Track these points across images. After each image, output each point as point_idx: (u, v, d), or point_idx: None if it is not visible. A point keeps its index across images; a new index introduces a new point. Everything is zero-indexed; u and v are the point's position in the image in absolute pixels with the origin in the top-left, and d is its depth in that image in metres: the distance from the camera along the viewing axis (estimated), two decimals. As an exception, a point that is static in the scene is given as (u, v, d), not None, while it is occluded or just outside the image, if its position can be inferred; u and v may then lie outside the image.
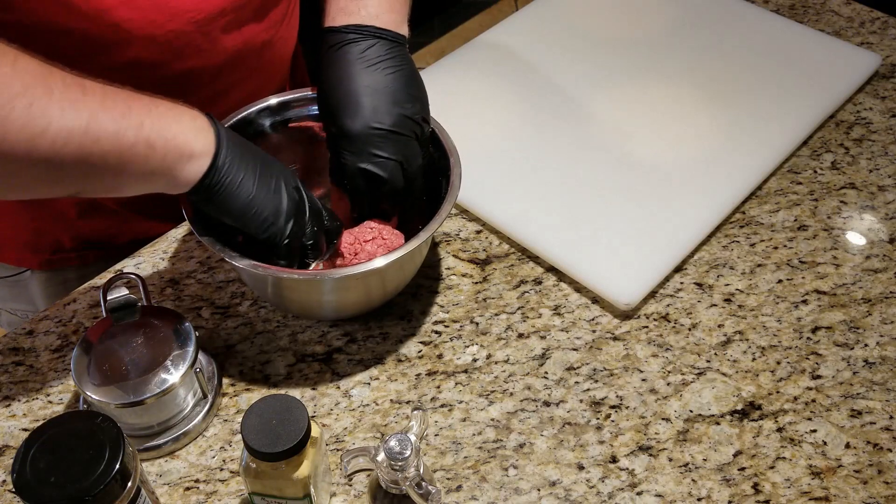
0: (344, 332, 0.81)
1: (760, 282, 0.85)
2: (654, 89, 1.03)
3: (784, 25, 1.12)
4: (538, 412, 0.75)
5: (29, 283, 0.94)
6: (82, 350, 0.70)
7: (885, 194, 0.93)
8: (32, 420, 0.75)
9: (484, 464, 0.72)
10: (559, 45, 1.10)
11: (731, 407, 0.75)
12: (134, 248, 0.87)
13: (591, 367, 0.78)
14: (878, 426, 0.74)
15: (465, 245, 0.89)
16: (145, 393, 0.68)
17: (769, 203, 0.93)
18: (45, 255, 0.92)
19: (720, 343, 0.80)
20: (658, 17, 1.14)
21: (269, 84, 0.92)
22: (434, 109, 0.81)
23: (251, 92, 0.86)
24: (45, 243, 0.91)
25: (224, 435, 0.74)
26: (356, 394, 0.77)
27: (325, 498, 0.68)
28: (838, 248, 0.88)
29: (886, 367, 0.78)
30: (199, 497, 0.70)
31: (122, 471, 0.56)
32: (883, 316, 0.82)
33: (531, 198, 0.91)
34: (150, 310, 0.74)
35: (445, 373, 0.78)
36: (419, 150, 0.76)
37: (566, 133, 0.98)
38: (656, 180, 0.92)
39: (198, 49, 0.77)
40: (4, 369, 0.79)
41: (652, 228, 0.87)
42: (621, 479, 0.70)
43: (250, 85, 0.87)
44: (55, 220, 0.89)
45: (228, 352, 0.80)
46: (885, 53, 1.10)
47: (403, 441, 0.61)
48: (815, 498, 0.69)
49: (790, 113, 0.99)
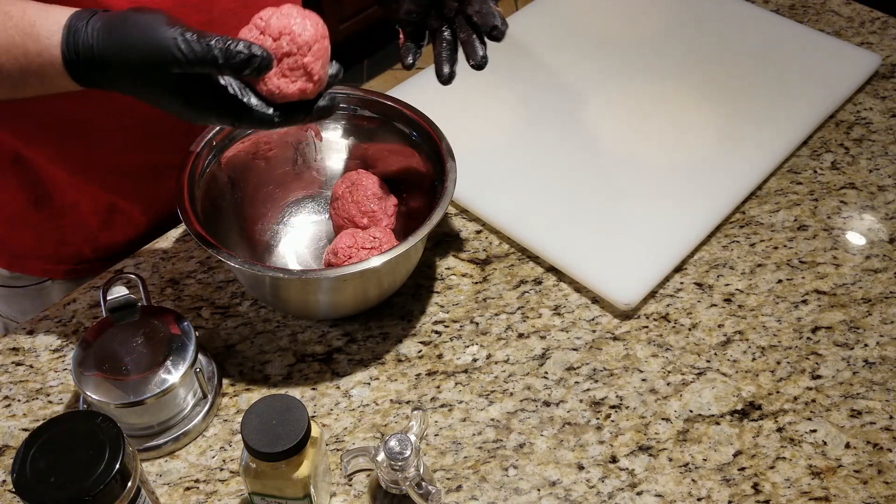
0: (344, 332, 0.81)
1: (760, 282, 0.85)
2: (654, 89, 1.03)
3: (784, 25, 1.12)
4: (538, 412, 0.75)
5: (51, 292, 0.94)
6: (82, 350, 0.70)
7: (885, 194, 0.93)
8: (32, 420, 0.75)
9: (484, 464, 0.72)
10: (559, 45, 1.10)
11: (731, 407, 0.75)
12: None
13: (591, 367, 0.78)
14: (878, 426, 0.74)
15: (465, 245, 0.89)
16: (145, 393, 0.68)
17: (769, 203, 0.93)
18: (68, 265, 0.93)
19: (720, 343, 0.80)
20: (658, 17, 1.15)
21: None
22: (434, 109, 0.82)
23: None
24: (68, 254, 0.92)
25: (224, 435, 0.74)
26: (356, 394, 0.77)
27: (325, 498, 0.68)
28: (838, 248, 0.88)
29: (886, 367, 0.78)
30: (199, 497, 0.70)
31: (122, 471, 0.56)
32: (883, 316, 0.82)
33: (531, 198, 0.91)
34: (150, 310, 0.74)
35: (445, 373, 0.78)
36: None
37: (566, 133, 0.98)
38: (656, 180, 0.92)
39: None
40: (4, 369, 0.79)
41: (652, 228, 0.87)
42: (621, 479, 0.70)
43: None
44: (77, 231, 0.90)
45: (228, 352, 0.80)
46: (885, 53, 1.10)
47: (403, 441, 0.61)
48: (815, 498, 0.69)
49: (790, 113, 0.99)
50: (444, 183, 0.78)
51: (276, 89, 0.63)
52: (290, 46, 0.64)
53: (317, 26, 0.65)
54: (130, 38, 0.59)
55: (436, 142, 0.81)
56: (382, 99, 0.86)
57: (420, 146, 0.84)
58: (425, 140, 0.83)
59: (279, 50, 0.63)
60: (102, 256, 0.91)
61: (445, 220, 0.91)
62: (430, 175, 0.82)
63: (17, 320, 0.97)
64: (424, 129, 0.83)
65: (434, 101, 0.78)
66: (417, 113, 0.84)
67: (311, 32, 0.64)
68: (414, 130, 0.84)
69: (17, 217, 0.89)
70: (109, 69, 0.61)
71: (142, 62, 0.59)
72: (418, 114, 0.84)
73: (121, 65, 0.60)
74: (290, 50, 0.63)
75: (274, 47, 0.64)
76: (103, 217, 0.90)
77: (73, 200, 0.88)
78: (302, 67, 0.64)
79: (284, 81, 0.64)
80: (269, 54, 0.60)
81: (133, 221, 0.92)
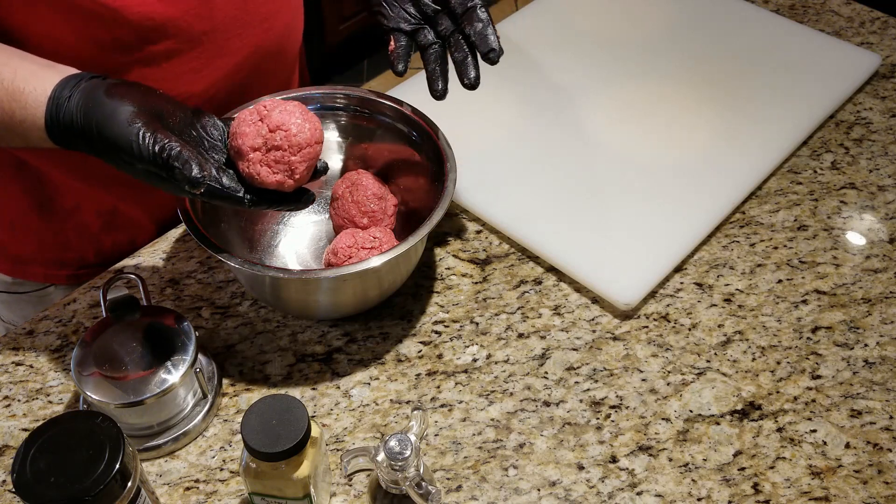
0: (344, 332, 0.81)
1: (760, 282, 0.85)
2: (654, 89, 1.03)
3: (784, 25, 1.12)
4: (538, 412, 0.75)
5: (54, 298, 0.94)
6: (82, 350, 0.70)
7: (885, 194, 0.93)
8: (32, 420, 0.75)
9: (484, 464, 0.72)
10: (559, 45, 1.10)
11: (731, 407, 0.75)
12: None
13: (591, 367, 0.78)
14: (878, 426, 0.74)
15: (465, 245, 0.89)
16: (145, 393, 0.68)
17: (769, 203, 0.93)
18: (70, 270, 0.93)
19: (720, 343, 0.80)
20: (658, 17, 1.15)
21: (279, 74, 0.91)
22: (433, 109, 0.82)
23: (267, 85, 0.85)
24: (71, 259, 0.92)
25: (224, 435, 0.74)
26: (356, 394, 0.77)
27: (325, 498, 0.68)
28: (838, 248, 0.88)
29: (886, 367, 0.78)
30: (199, 497, 0.70)
31: (122, 471, 0.56)
32: (883, 316, 0.82)
33: (531, 198, 0.91)
34: (150, 309, 0.74)
35: (445, 373, 0.78)
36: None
37: (566, 133, 0.98)
38: (656, 180, 0.92)
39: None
40: (4, 369, 0.79)
41: (652, 228, 0.87)
42: (621, 479, 0.70)
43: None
44: (79, 234, 0.90)
45: (228, 352, 0.80)
46: (885, 53, 1.10)
47: (403, 441, 0.61)
48: (815, 498, 0.69)
49: (790, 113, 0.99)
50: (444, 183, 0.78)
51: (256, 175, 0.66)
52: (283, 142, 0.66)
53: (314, 132, 0.67)
54: (97, 124, 0.62)
55: (436, 142, 0.81)
56: (382, 99, 0.86)
57: (420, 146, 0.84)
58: (425, 140, 0.83)
59: (271, 141, 0.66)
60: (105, 261, 0.91)
61: (445, 220, 0.91)
62: (430, 175, 0.82)
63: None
64: (424, 129, 0.83)
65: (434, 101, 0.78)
66: (417, 113, 0.84)
67: (306, 136, 0.67)
68: (414, 130, 0.84)
69: (19, 222, 0.89)
70: (86, 144, 0.63)
71: (107, 147, 0.62)
72: (418, 114, 0.84)
73: (94, 143, 0.63)
74: (282, 145, 0.66)
75: (267, 137, 0.66)
76: (106, 221, 0.90)
77: (76, 206, 0.88)
78: (287, 164, 0.66)
79: (266, 170, 0.66)
80: (203, 177, 0.61)
81: (136, 226, 0.92)
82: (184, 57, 0.79)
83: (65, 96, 0.63)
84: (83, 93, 0.63)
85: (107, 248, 0.92)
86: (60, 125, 0.63)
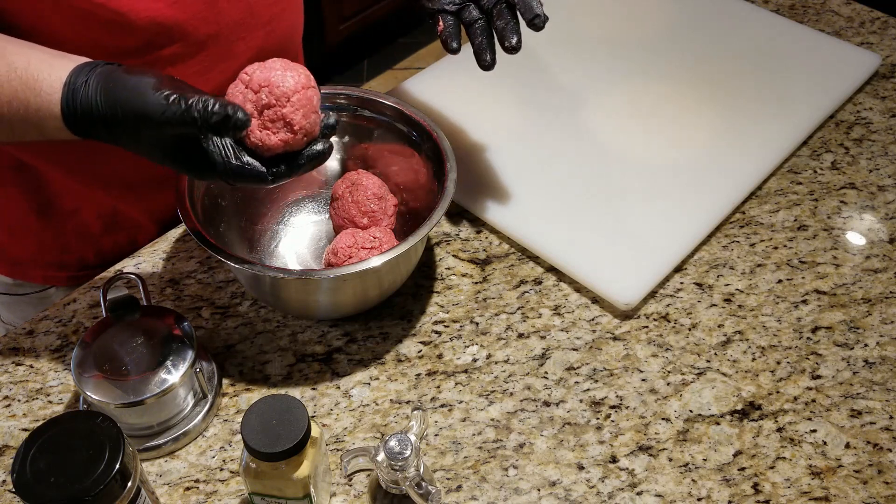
0: (344, 332, 0.81)
1: (760, 282, 0.85)
2: (655, 89, 1.03)
3: (784, 25, 1.12)
4: (538, 412, 0.75)
5: (54, 300, 0.94)
6: (82, 350, 0.70)
7: (885, 194, 0.93)
8: (32, 420, 0.75)
9: (484, 464, 0.72)
10: (559, 45, 1.10)
11: (731, 407, 0.75)
12: None
13: (591, 367, 0.78)
14: (878, 426, 0.74)
15: (465, 245, 0.89)
16: (145, 393, 0.68)
17: (769, 203, 0.93)
18: (70, 272, 0.93)
19: (720, 343, 0.80)
20: (658, 17, 1.15)
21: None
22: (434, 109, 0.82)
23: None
24: (71, 261, 0.92)
25: (224, 435, 0.74)
26: (356, 394, 0.77)
27: (325, 498, 0.68)
28: (838, 248, 0.88)
29: (886, 367, 0.78)
30: (199, 497, 0.70)
31: (122, 471, 0.56)
32: (883, 316, 0.82)
33: (531, 198, 0.91)
34: (150, 310, 0.74)
35: (445, 373, 0.78)
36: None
37: (566, 133, 0.98)
38: (656, 180, 0.92)
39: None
40: (4, 369, 0.79)
41: (652, 228, 0.87)
42: (621, 479, 0.70)
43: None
44: (79, 237, 0.90)
45: (228, 352, 0.80)
46: (885, 53, 1.10)
47: (403, 441, 0.61)
48: (815, 498, 0.69)
49: (790, 113, 0.99)
50: (444, 183, 0.78)
51: (259, 142, 0.64)
52: (269, 98, 0.64)
53: (298, 77, 0.65)
54: (121, 101, 0.61)
55: (436, 142, 0.81)
56: (382, 99, 0.86)
57: (420, 146, 0.84)
58: (425, 140, 0.83)
59: (259, 102, 0.64)
60: (105, 262, 0.91)
61: (445, 219, 0.91)
62: (430, 175, 0.82)
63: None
64: (424, 129, 0.83)
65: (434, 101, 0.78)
66: (417, 113, 0.84)
67: (291, 84, 0.65)
68: (414, 130, 0.84)
69: (18, 225, 0.89)
70: (106, 128, 0.62)
71: (133, 124, 0.61)
72: (418, 114, 0.84)
73: (116, 125, 0.62)
74: (270, 102, 0.64)
75: (255, 100, 0.65)
76: (106, 223, 0.90)
77: (76, 208, 0.88)
78: (282, 119, 0.64)
79: (266, 134, 0.64)
80: (245, 113, 0.60)
81: (136, 227, 0.92)
82: (189, 61, 0.80)
83: (80, 82, 0.62)
84: (101, 77, 0.62)
85: (107, 250, 0.92)
86: (78, 111, 0.62)
